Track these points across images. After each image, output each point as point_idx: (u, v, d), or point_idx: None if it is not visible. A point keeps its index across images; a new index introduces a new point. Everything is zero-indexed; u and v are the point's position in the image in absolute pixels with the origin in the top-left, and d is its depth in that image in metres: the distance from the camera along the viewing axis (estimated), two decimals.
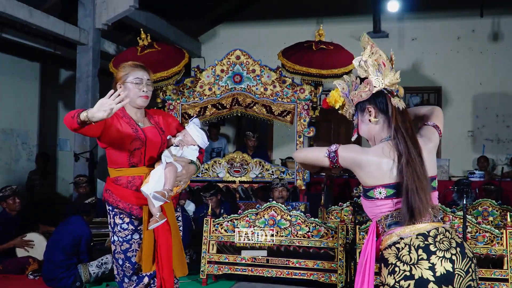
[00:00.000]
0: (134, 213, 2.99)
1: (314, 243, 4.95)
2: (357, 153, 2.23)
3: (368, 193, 2.24)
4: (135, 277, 3.02)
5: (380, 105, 2.30)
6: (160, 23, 8.85)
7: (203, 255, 5.16)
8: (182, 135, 3.11)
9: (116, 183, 2.98)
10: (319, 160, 2.27)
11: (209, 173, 6.77)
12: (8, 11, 5.99)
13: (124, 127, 2.91)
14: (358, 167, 2.22)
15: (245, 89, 6.66)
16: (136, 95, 2.97)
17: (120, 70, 3.03)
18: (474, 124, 9.53)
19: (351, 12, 9.79)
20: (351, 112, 2.40)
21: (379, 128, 2.31)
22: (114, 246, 3.03)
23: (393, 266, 2.14)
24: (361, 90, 2.31)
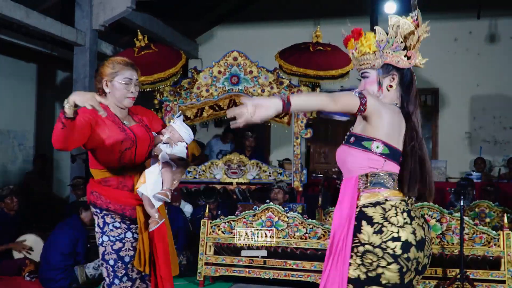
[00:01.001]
0: (127, 214, 2.91)
1: (311, 244, 4.94)
2: (380, 101, 2.22)
3: (364, 142, 2.22)
4: (125, 278, 2.91)
5: (405, 78, 2.32)
6: (157, 24, 8.84)
7: (200, 256, 5.15)
8: (169, 132, 3.03)
9: (104, 184, 2.89)
10: (351, 103, 2.13)
11: (206, 175, 6.76)
12: (4, 12, 5.98)
13: (110, 127, 2.83)
14: (377, 116, 2.18)
15: (242, 90, 6.65)
16: (123, 96, 2.90)
17: (108, 66, 2.92)
18: (471, 125, 9.54)
19: (348, 13, 9.77)
20: (373, 64, 2.31)
21: (393, 98, 2.32)
22: (104, 247, 2.90)
23: (379, 225, 2.15)
24: (400, 55, 2.28)
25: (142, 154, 2.95)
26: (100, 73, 2.94)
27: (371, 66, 2.32)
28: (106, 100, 2.86)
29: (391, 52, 2.28)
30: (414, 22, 2.27)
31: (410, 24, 2.27)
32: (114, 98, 2.90)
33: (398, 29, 2.27)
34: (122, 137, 2.83)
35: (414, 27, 2.26)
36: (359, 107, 2.12)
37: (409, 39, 2.26)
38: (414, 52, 2.27)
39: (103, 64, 2.97)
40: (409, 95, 2.31)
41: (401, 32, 2.26)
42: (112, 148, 2.81)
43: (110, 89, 2.90)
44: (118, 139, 2.81)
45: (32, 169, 8.15)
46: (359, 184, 2.23)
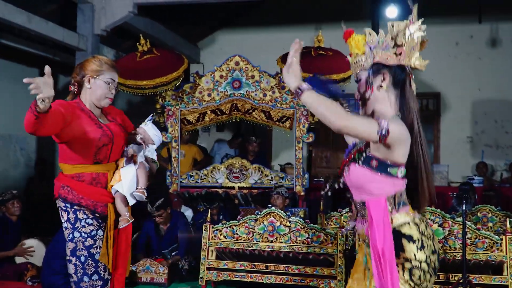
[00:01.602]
0: (99, 210, 2.92)
1: (313, 249, 4.93)
2: (404, 127, 2.13)
3: (390, 169, 2.16)
4: (96, 276, 2.91)
5: (397, 78, 2.22)
6: (159, 29, 8.85)
7: (202, 261, 5.14)
8: (141, 134, 3.08)
9: (77, 179, 2.89)
10: (367, 135, 2.08)
11: (208, 179, 6.76)
12: (6, 17, 5.99)
13: (87, 123, 2.85)
14: (402, 143, 2.12)
15: (244, 94, 6.66)
16: (104, 95, 2.94)
17: (95, 63, 2.95)
18: (473, 129, 9.53)
19: (350, 18, 9.76)
20: (363, 65, 2.28)
21: (386, 99, 2.23)
22: (74, 243, 2.90)
23: (421, 241, 2.13)
24: (389, 53, 2.22)
25: (117, 152, 2.99)
26: (84, 66, 2.95)
27: (362, 68, 2.29)
28: (83, 93, 2.93)
29: (380, 52, 2.23)
30: (410, 23, 2.23)
31: (402, 23, 2.22)
32: (93, 96, 2.93)
33: (393, 31, 2.23)
34: (99, 133, 2.87)
35: (406, 24, 2.21)
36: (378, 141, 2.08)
37: (399, 37, 2.20)
38: (405, 49, 2.19)
39: (87, 59, 2.99)
40: (404, 98, 2.21)
41: (393, 33, 2.22)
42: (89, 144, 2.84)
43: (92, 85, 2.93)
44: (96, 135, 2.84)
45: (34, 174, 8.15)
46: (388, 207, 2.20)
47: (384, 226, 2.15)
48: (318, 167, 10.44)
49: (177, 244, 5.73)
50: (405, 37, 2.20)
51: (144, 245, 5.84)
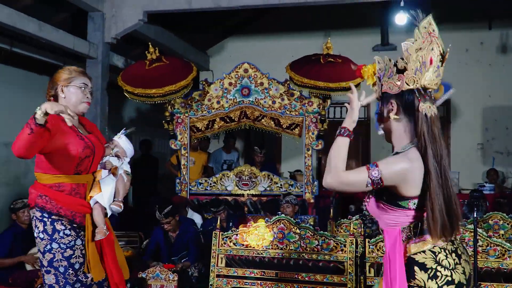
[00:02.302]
0: (77, 220, 2.94)
1: (323, 256, 4.91)
2: (401, 165, 2.09)
3: (401, 202, 2.13)
4: (78, 284, 2.92)
5: (406, 104, 2.16)
6: (169, 37, 8.89)
7: (212, 268, 5.13)
8: (115, 146, 3.16)
9: (56, 189, 2.90)
10: (363, 188, 2.09)
11: (217, 186, 6.76)
12: (18, 25, 6.04)
13: (69, 134, 2.87)
14: (403, 181, 2.09)
15: (253, 102, 6.67)
16: (79, 100, 2.98)
17: (64, 72, 3.00)
18: (484, 136, 9.48)
19: (359, 25, 9.82)
20: (376, 96, 2.28)
21: (399, 127, 2.20)
22: (52, 254, 2.88)
23: (434, 270, 2.09)
24: (393, 81, 2.17)
25: (96, 163, 3.05)
26: (55, 79, 3.01)
27: (376, 98, 2.28)
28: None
29: (386, 80, 2.19)
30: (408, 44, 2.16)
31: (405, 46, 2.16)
32: (69, 104, 2.94)
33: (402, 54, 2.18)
34: (82, 145, 2.90)
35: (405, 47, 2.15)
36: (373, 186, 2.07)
37: (399, 61, 2.16)
38: (406, 74, 2.13)
39: (57, 72, 3.05)
40: (414, 123, 2.14)
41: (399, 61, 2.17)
42: (71, 155, 2.86)
43: (66, 94, 2.97)
44: (79, 147, 2.88)
45: None
46: (403, 236, 2.17)
47: (396, 258, 2.14)
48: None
49: (186, 251, 5.73)
50: (404, 60, 2.15)
51: (154, 252, 5.84)
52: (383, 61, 2.22)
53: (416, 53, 2.12)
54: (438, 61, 2.14)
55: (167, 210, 5.54)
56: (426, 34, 2.14)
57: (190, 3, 7.03)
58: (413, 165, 2.08)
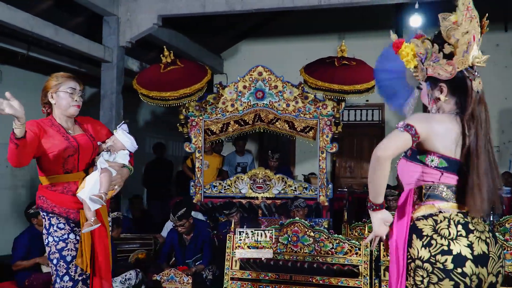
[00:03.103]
0: (71, 217, 3.12)
1: (337, 260, 4.89)
2: (429, 120, 2.12)
3: (419, 156, 2.14)
4: (67, 277, 3.06)
5: (456, 85, 2.17)
6: (183, 40, 8.94)
7: (226, 271, 5.14)
8: (111, 141, 3.27)
9: (50, 189, 3.09)
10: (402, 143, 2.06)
11: (231, 189, 6.77)
12: (34, 30, 6.11)
13: (54, 136, 3.04)
14: (429, 133, 2.08)
15: (267, 105, 6.67)
16: (68, 104, 3.12)
17: (52, 79, 3.17)
18: (500, 139, 9.39)
19: (373, 27, 9.78)
20: (421, 78, 2.24)
21: (447, 106, 2.21)
22: (49, 247, 3.11)
23: (428, 238, 2.05)
24: (440, 66, 2.16)
25: (85, 161, 3.17)
26: (45, 87, 3.18)
27: (419, 79, 2.26)
28: (53, 111, 3.15)
29: (431, 64, 2.17)
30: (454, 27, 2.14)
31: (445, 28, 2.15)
32: (60, 108, 3.14)
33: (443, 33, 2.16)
34: (64, 145, 3.05)
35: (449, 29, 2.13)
36: (413, 140, 2.05)
37: (446, 47, 2.14)
38: (455, 60, 2.13)
39: (47, 80, 3.20)
40: (466, 101, 2.16)
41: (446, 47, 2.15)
42: (55, 156, 3.02)
43: (56, 100, 3.14)
44: (61, 147, 3.03)
45: None
46: (414, 198, 2.17)
47: (403, 217, 2.14)
48: (342, 177, 10.40)
49: (200, 254, 5.74)
50: (451, 45, 2.14)
51: (168, 254, 5.86)
52: (422, 45, 2.21)
53: (463, 37, 2.12)
54: (479, 36, 2.18)
55: (181, 212, 5.55)
56: (465, 12, 2.13)
57: (204, 6, 7.06)
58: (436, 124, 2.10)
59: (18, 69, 7.71)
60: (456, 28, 2.12)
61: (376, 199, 2.19)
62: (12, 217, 7.33)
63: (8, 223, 7.31)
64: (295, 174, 9.96)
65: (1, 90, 2.72)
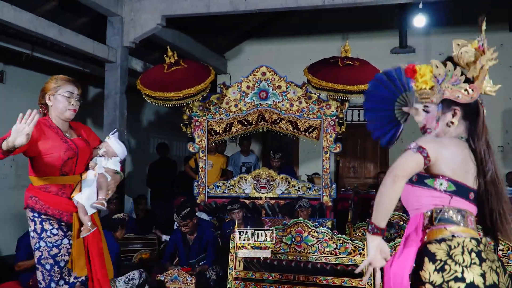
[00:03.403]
0: (64, 219, 3.12)
1: (341, 260, 4.89)
2: (438, 144, 2.10)
3: (427, 180, 2.12)
4: (62, 281, 3.09)
5: (469, 111, 2.17)
6: (187, 41, 8.94)
7: (229, 271, 5.14)
8: (104, 147, 3.32)
9: (44, 190, 3.08)
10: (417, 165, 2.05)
11: (235, 189, 6.77)
12: (39, 30, 6.13)
13: (54, 138, 3.07)
14: (439, 157, 2.07)
15: (271, 105, 6.67)
16: (65, 108, 3.15)
17: (51, 82, 3.20)
18: (504, 139, 9.37)
19: (377, 27, 9.78)
20: (431, 100, 2.21)
21: (457, 131, 2.20)
22: (40, 252, 3.07)
23: (442, 263, 2.02)
24: (460, 89, 2.14)
25: (82, 165, 3.23)
26: (44, 88, 3.20)
27: (430, 101, 2.22)
28: (50, 113, 3.16)
29: (450, 87, 2.16)
30: (480, 48, 2.14)
31: (472, 51, 2.14)
32: (56, 111, 3.16)
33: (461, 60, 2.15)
34: (65, 147, 3.09)
35: (477, 55, 2.12)
36: (425, 162, 2.04)
37: (471, 70, 2.13)
38: (477, 84, 2.11)
39: (47, 82, 3.23)
40: (474, 129, 2.15)
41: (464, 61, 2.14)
42: (55, 157, 3.04)
43: (53, 102, 3.16)
44: (61, 149, 3.06)
45: None
46: (425, 222, 2.13)
47: (412, 243, 2.11)
48: (345, 177, 10.39)
49: (204, 254, 5.74)
50: (476, 70, 2.12)
51: (172, 254, 5.87)
52: (442, 66, 2.20)
53: (487, 63, 2.12)
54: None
55: (185, 212, 5.56)
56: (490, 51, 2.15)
57: (208, 7, 7.06)
58: (447, 149, 2.09)
59: (22, 70, 7.73)
60: (483, 54, 2.12)
61: (380, 222, 2.08)
62: (17, 217, 7.34)
63: (13, 223, 7.33)
64: (298, 174, 9.96)
65: (6, 91, 2.75)
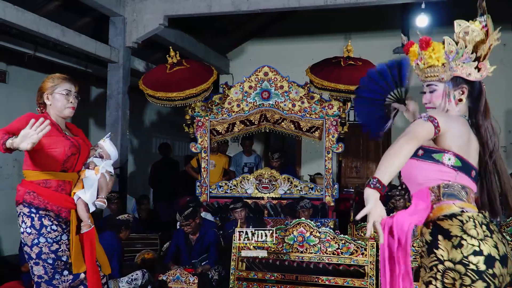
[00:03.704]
0: (63, 215, 3.15)
1: (343, 260, 4.89)
2: (447, 116, 2.13)
3: (434, 154, 2.11)
4: (66, 271, 3.14)
5: (475, 90, 2.20)
6: (189, 41, 8.95)
7: (232, 271, 5.15)
8: (99, 148, 3.40)
9: (44, 185, 3.10)
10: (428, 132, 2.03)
11: (237, 189, 6.77)
12: (41, 31, 6.14)
13: (56, 134, 3.11)
14: (448, 130, 2.07)
15: (273, 105, 6.67)
16: (64, 106, 3.20)
17: (48, 81, 3.23)
18: (507, 139, 9.35)
19: (379, 27, 9.77)
20: (441, 77, 2.21)
21: (461, 110, 2.22)
22: (39, 248, 3.07)
23: (459, 239, 2.00)
24: (471, 67, 2.16)
25: (81, 163, 3.27)
26: (41, 88, 3.24)
27: (439, 79, 2.21)
28: (48, 112, 3.20)
29: (461, 64, 2.17)
30: (484, 29, 2.15)
31: (479, 31, 2.15)
32: (55, 109, 3.21)
33: (466, 36, 2.16)
34: (68, 144, 3.14)
35: (484, 34, 2.14)
36: (435, 131, 2.04)
37: (480, 49, 2.14)
38: (485, 63, 2.15)
39: (43, 81, 3.26)
40: (478, 107, 2.18)
41: (469, 40, 2.15)
42: (59, 152, 3.08)
43: (51, 101, 3.21)
44: (65, 145, 3.11)
45: None
46: (432, 196, 2.12)
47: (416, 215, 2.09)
48: (348, 177, 10.39)
49: (207, 254, 5.75)
50: (485, 49, 2.14)
51: (174, 254, 5.87)
52: (454, 43, 2.20)
53: (494, 42, 2.16)
54: None
55: (187, 212, 5.57)
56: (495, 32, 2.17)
57: (210, 7, 7.07)
58: (455, 123, 2.10)
59: (25, 70, 7.74)
60: (491, 34, 2.14)
61: (384, 177, 1.93)
62: None
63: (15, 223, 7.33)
64: (301, 174, 9.95)
65: (8, 91, 2.76)
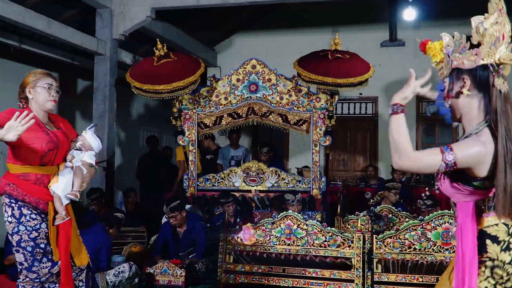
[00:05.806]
0: (40, 207, 3.27)
1: (330, 252, 4.92)
2: (475, 149, 2.04)
3: (476, 183, 2.09)
4: (45, 259, 3.28)
5: (479, 80, 2.11)
6: (177, 33, 8.91)
7: (219, 264, 5.16)
8: (81, 140, 3.44)
9: (23, 178, 3.22)
10: (433, 169, 2.04)
11: (225, 182, 6.78)
12: (27, 22, 6.08)
13: (36, 129, 3.17)
14: (477, 164, 2.04)
15: (260, 98, 6.67)
16: (46, 99, 3.28)
17: (30, 76, 3.32)
18: None
19: (367, 20, 9.79)
20: (445, 73, 2.20)
21: (471, 104, 2.15)
22: (19, 235, 3.21)
23: (506, 243, 2.08)
24: (466, 56, 2.12)
25: (61, 157, 3.36)
26: (23, 83, 3.34)
27: (445, 76, 2.20)
28: (30, 106, 3.29)
29: (457, 56, 2.15)
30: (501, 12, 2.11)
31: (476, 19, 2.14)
32: (37, 103, 3.29)
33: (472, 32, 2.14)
34: (46, 139, 3.22)
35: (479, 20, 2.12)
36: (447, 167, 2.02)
37: (474, 36, 2.12)
38: (481, 48, 2.09)
39: (25, 77, 3.35)
40: (489, 100, 2.10)
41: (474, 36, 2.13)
42: (36, 148, 3.18)
43: (33, 95, 3.30)
44: (43, 141, 3.20)
45: None
46: (477, 210, 2.14)
47: (469, 230, 2.12)
48: (335, 170, 10.43)
49: (194, 247, 5.75)
50: (479, 34, 2.11)
51: (162, 247, 5.87)
52: (450, 37, 2.18)
53: (492, 27, 2.09)
54: (509, 38, 2.10)
55: (174, 204, 5.56)
56: (497, 10, 2.12)
57: None
58: (487, 148, 2.04)
59: (10, 62, 7.65)
60: (487, 18, 2.11)
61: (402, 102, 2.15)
62: None
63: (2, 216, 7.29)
64: (288, 167, 9.98)
65: None
